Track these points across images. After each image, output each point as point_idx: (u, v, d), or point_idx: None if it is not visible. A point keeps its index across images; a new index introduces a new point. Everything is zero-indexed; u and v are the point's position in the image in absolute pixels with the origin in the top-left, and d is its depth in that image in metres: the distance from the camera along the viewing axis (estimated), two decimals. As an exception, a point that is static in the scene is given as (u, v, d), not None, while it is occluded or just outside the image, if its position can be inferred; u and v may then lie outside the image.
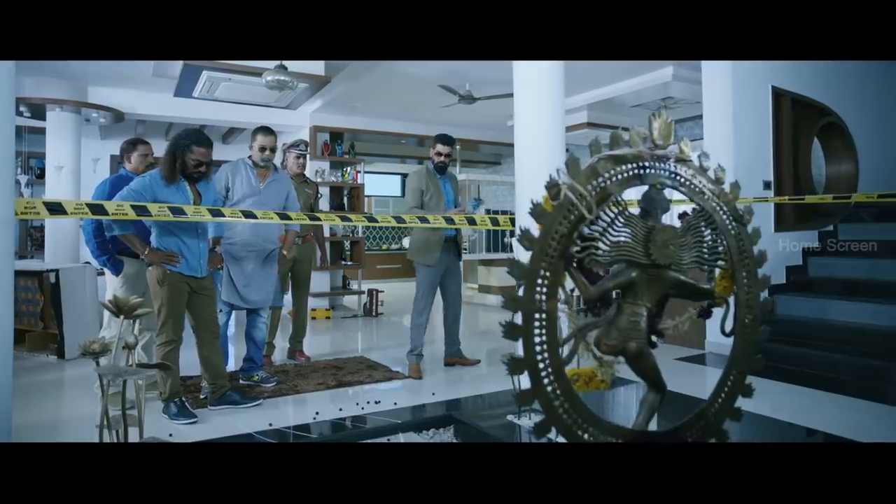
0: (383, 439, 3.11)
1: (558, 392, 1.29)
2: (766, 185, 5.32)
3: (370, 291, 7.55)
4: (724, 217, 1.58)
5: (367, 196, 11.87)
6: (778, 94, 5.39)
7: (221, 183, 3.86)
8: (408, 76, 6.21)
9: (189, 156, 3.02)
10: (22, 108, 6.18)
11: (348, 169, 8.18)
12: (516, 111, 3.88)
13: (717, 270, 1.62)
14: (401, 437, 3.15)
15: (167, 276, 3.09)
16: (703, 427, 1.54)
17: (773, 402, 3.61)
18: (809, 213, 5.65)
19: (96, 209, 2.84)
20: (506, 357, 1.31)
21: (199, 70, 5.28)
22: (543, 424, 1.30)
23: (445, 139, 4.44)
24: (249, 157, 3.98)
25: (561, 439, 1.36)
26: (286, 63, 4.96)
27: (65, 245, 6.19)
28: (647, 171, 1.44)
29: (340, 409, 3.41)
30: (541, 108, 3.77)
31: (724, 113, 5.06)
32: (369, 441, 3.02)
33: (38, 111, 6.34)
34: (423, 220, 3.33)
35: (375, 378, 4.19)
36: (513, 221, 3.81)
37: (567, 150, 3.92)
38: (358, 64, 5.97)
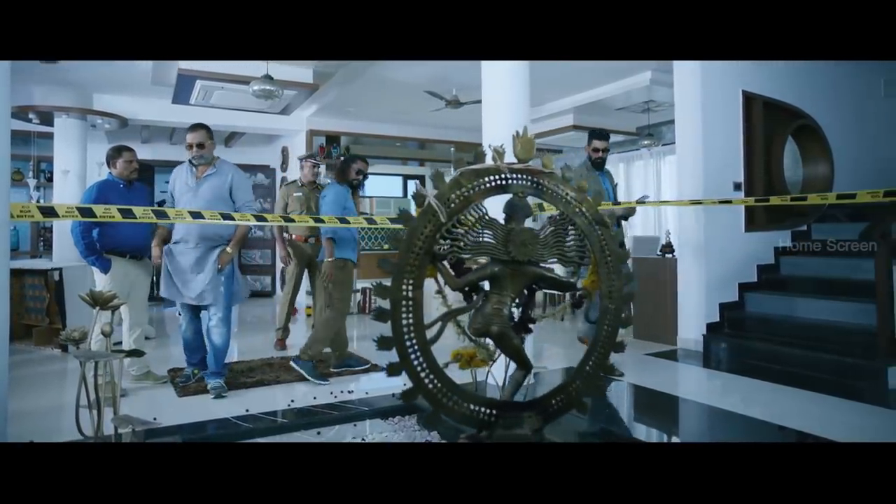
0: (350, 425, 3.35)
1: (424, 366, 1.54)
2: (737, 187, 5.44)
3: (364, 290, 7.85)
4: (587, 220, 1.82)
5: (368, 197, 12.09)
6: (749, 98, 5.54)
7: (168, 187, 3.98)
8: (395, 82, 6.42)
9: (353, 166, 4.44)
10: (31, 115, 6.56)
11: (345, 171, 8.42)
12: (484, 113, 4.01)
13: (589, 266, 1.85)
14: (367, 424, 3.38)
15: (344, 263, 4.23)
16: (564, 399, 1.77)
17: (745, 398, 3.70)
18: (783, 213, 5.78)
19: (85, 212, 3.13)
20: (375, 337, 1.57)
21: (193, 79, 5.59)
22: (411, 392, 1.55)
23: (601, 135, 4.47)
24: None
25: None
26: (272, 73, 5.24)
27: (71, 245, 6.48)
28: (511, 181, 1.68)
29: (315, 398, 3.62)
30: (507, 110, 3.90)
31: (694, 117, 5.22)
32: (335, 427, 3.25)
33: (46, 118, 6.71)
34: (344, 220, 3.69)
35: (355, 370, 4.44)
36: (393, 220, 3.87)
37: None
38: (345, 71, 6.20)
